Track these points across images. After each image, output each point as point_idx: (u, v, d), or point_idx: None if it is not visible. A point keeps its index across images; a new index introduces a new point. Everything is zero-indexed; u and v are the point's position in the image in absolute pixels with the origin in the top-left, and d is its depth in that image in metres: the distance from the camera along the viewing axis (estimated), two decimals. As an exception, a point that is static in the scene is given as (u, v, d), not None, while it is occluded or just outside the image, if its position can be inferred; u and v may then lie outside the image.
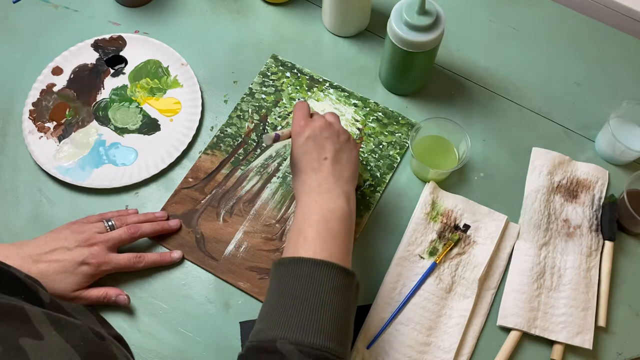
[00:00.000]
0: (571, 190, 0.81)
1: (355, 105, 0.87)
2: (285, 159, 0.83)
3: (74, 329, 0.42)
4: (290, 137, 0.70)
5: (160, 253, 0.75)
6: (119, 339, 0.57)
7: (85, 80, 0.88)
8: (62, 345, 0.40)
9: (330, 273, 0.58)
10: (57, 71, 0.88)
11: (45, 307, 0.48)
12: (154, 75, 0.88)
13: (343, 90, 0.88)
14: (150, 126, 0.85)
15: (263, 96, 0.88)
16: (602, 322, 0.73)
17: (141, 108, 0.86)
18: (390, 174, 0.83)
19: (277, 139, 0.69)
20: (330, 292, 0.57)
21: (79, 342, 0.41)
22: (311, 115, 0.72)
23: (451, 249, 0.76)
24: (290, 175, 0.82)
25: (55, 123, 0.84)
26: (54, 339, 0.40)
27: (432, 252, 0.76)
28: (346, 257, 0.62)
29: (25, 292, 0.48)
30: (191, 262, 0.76)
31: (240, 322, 0.73)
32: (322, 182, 0.65)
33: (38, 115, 0.85)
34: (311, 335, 0.53)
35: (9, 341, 0.37)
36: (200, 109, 0.85)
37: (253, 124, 0.86)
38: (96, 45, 0.90)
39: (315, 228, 0.61)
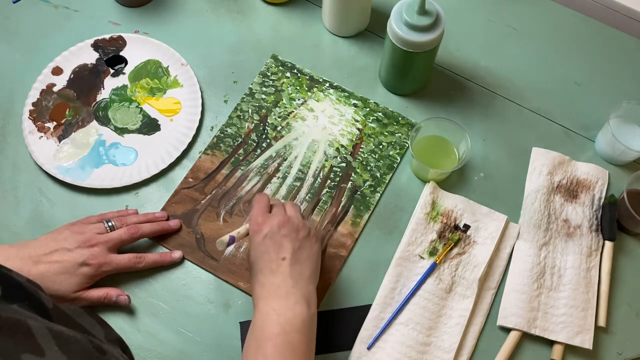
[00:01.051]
0: (571, 190, 0.81)
1: (355, 105, 0.87)
2: (285, 159, 0.83)
3: (75, 344, 0.42)
4: (247, 235, 0.68)
5: (161, 253, 0.75)
6: (120, 342, 0.57)
7: (85, 80, 0.88)
8: None
9: None
10: (57, 71, 0.88)
11: (49, 312, 0.48)
12: (154, 75, 0.88)
13: (343, 90, 0.88)
14: (150, 126, 0.85)
15: (263, 96, 0.88)
16: (602, 322, 0.74)
17: (141, 108, 0.86)
18: (390, 174, 0.83)
19: (232, 241, 0.66)
20: None
21: (80, 358, 0.41)
22: (271, 207, 0.69)
23: (451, 249, 0.76)
24: (291, 176, 0.82)
25: (55, 123, 0.84)
26: (55, 354, 0.39)
27: (432, 252, 0.76)
28: None
29: (28, 297, 0.48)
30: (191, 262, 0.76)
31: (240, 322, 0.73)
32: (280, 285, 0.62)
33: (38, 115, 0.85)
34: None
35: (11, 357, 0.37)
36: (200, 109, 0.85)
37: (253, 124, 0.86)
38: (96, 45, 0.90)
39: (274, 342, 0.59)
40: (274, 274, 0.63)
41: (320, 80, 0.89)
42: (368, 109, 0.87)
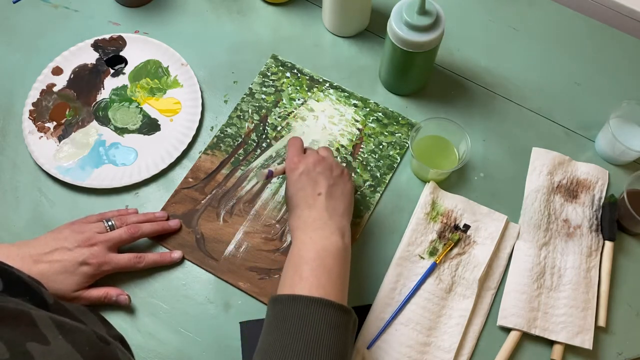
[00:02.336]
0: (571, 190, 0.81)
1: (355, 105, 0.87)
2: (285, 159, 0.83)
3: (79, 333, 0.42)
4: (284, 172, 0.71)
5: (161, 253, 0.75)
6: (121, 340, 0.57)
7: (85, 80, 0.88)
8: (68, 350, 0.40)
9: (326, 311, 0.58)
10: (57, 71, 0.88)
11: (50, 307, 0.48)
12: (154, 75, 0.88)
13: (343, 90, 0.88)
14: (150, 126, 0.85)
15: (263, 96, 0.88)
16: (602, 322, 0.74)
17: (141, 108, 0.86)
18: (390, 174, 0.83)
19: (270, 175, 0.71)
20: (327, 331, 0.57)
21: (84, 347, 0.41)
22: (305, 150, 0.73)
23: (451, 249, 0.76)
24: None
25: (55, 123, 0.84)
26: (60, 343, 0.40)
27: (432, 252, 0.76)
28: (342, 294, 0.63)
29: (30, 292, 0.48)
30: (191, 262, 0.76)
31: (240, 322, 0.73)
32: (317, 218, 0.66)
33: (38, 115, 0.85)
34: None
35: (17, 346, 0.37)
36: (200, 109, 0.85)
37: (253, 124, 0.86)
38: (96, 45, 0.90)
39: (310, 266, 0.62)
40: (311, 208, 0.66)
41: (320, 80, 0.89)
42: (368, 109, 0.87)
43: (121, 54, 0.90)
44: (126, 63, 0.89)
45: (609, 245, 0.77)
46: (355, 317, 0.61)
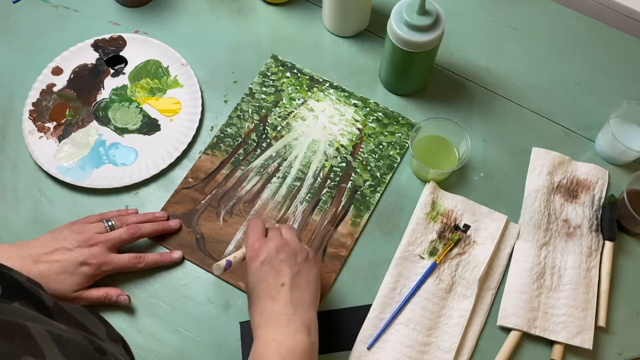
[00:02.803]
0: (571, 190, 0.81)
1: (355, 105, 0.87)
2: (285, 159, 0.83)
3: (75, 345, 0.42)
4: (244, 260, 0.66)
5: (161, 253, 0.75)
6: (122, 341, 0.57)
7: (85, 80, 0.88)
8: None
9: None
10: (57, 71, 0.88)
11: (50, 310, 0.48)
12: (154, 75, 0.88)
13: (343, 90, 0.88)
14: (150, 126, 0.85)
15: (263, 96, 0.88)
16: (602, 322, 0.73)
17: (141, 108, 0.86)
18: (390, 174, 0.83)
19: (229, 266, 0.65)
20: None
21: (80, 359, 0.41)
22: (266, 232, 0.67)
23: (451, 249, 0.76)
24: (291, 176, 0.82)
25: (55, 123, 0.84)
26: (55, 356, 0.39)
27: (432, 252, 0.76)
28: None
29: (29, 295, 0.48)
30: (191, 262, 0.76)
31: (240, 322, 0.73)
32: (281, 313, 0.60)
33: (38, 115, 0.85)
34: None
35: (12, 359, 0.37)
36: (200, 109, 0.85)
37: (253, 124, 0.86)
38: (96, 45, 0.90)
39: None
40: (274, 301, 0.61)
41: (320, 80, 0.89)
42: (368, 109, 0.87)
43: (121, 54, 0.90)
44: (126, 63, 0.89)
45: (609, 245, 0.77)
46: None
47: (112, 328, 0.59)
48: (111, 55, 0.89)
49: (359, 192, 0.81)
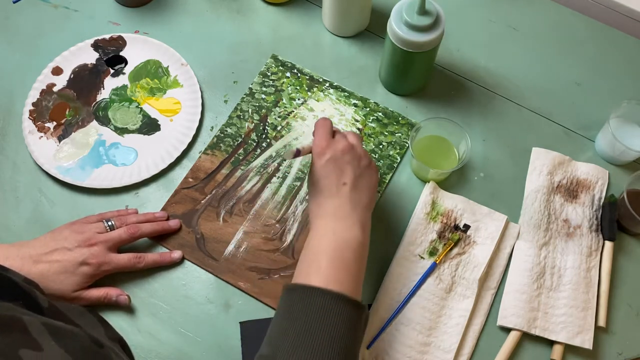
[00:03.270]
0: (571, 190, 0.81)
1: (355, 105, 0.87)
2: (285, 159, 0.83)
3: (72, 338, 0.42)
4: (310, 152, 0.69)
5: (160, 253, 0.75)
6: (120, 341, 0.57)
7: (85, 80, 0.88)
8: (61, 356, 0.40)
9: (341, 306, 0.58)
10: (57, 71, 0.88)
11: (44, 311, 0.48)
12: (154, 75, 0.88)
13: (343, 90, 0.88)
14: (150, 126, 0.85)
15: (263, 96, 0.88)
16: (602, 322, 0.73)
17: (141, 108, 0.86)
18: (390, 174, 0.83)
19: (298, 154, 0.68)
20: (340, 326, 0.57)
21: (77, 352, 0.41)
22: (333, 134, 0.69)
23: (451, 249, 0.76)
24: (291, 175, 0.82)
25: (55, 123, 0.84)
26: (53, 349, 0.39)
27: (432, 252, 0.76)
28: (357, 289, 0.62)
29: (24, 296, 0.48)
30: (191, 262, 0.76)
31: (240, 322, 0.73)
32: (339, 208, 0.64)
33: (38, 115, 0.85)
34: None
35: (9, 353, 0.37)
36: (200, 109, 0.85)
37: (253, 124, 0.86)
38: (96, 45, 0.90)
39: (329, 257, 0.61)
40: (334, 197, 0.65)
41: (320, 80, 0.89)
42: (368, 109, 0.87)
43: (121, 54, 0.90)
44: (126, 63, 0.89)
45: (609, 245, 0.77)
46: (367, 313, 0.61)
47: (111, 328, 0.59)
48: (111, 55, 0.89)
49: (359, 192, 0.81)
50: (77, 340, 0.42)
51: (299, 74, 0.89)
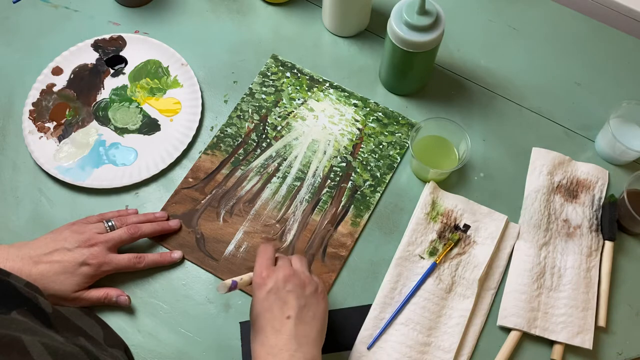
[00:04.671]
0: (571, 190, 0.81)
1: (355, 105, 0.87)
2: (285, 159, 0.83)
3: (72, 358, 0.42)
4: (250, 284, 0.65)
5: (161, 253, 0.75)
6: (121, 345, 0.57)
7: (85, 80, 0.88)
8: None
9: None
10: (57, 71, 0.88)
11: (48, 316, 0.48)
12: (154, 75, 0.88)
13: (343, 90, 0.88)
14: (150, 126, 0.85)
15: (263, 96, 0.88)
16: (602, 322, 0.74)
17: (141, 108, 0.86)
18: (390, 174, 0.83)
19: (234, 286, 0.64)
20: None
21: None
22: (276, 260, 0.65)
23: (451, 249, 0.76)
24: (291, 175, 0.82)
25: (55, 123, 0.84)
26: None
27: (432, 252, 0.76)
28: None
29: (27, 303, 0.48)
30: (191, 262, 0.76)
31: (240, 322, 0.73)
32: (283, 348, 0.58)
33: (38, 115, 0.85)
34: None
35: None
36: (200, 109, 0.85)
37: (253, 124, 0.86)
38: (96, 45, 0.90)
39: None
40: (277, 334, 0.59)
41: (320, 80, 0.89)
42: (368, 109, 0.87)
43: (121, 54, 0.90)
44: (126, 63, 0.89)
45: (609, 245, 0.77)
46: None
47: (112, 331, 0.59)
48: (111, 55, 0.89)
49: (359, 192, 0.81)
50: None
51: (299, 74, 0.89)
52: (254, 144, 0.84)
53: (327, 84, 0.89)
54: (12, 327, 0.41)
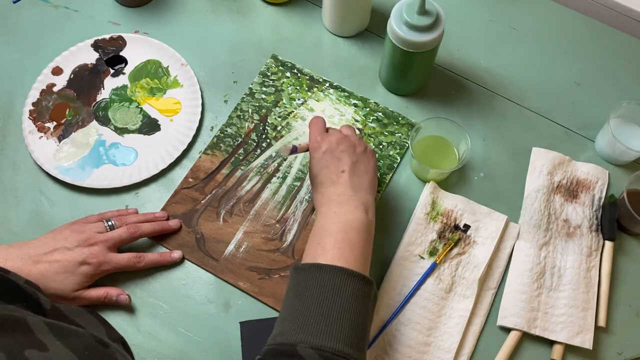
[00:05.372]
0: (571, 190, 0.81)
1: (355, 105, 0.87)
2: (285, 159, 0.83)
3: (77, 337, 0.42)
4: (307, 150, 0.72)
5: (160, 253, 0.75)
6: (122, 342, 0.57)
7: (85, 80, 0.88)
8: (67, 355, 0.40)
9: (349, 280, 0.59)
10: (57, 71, 0.88)
11: (47, 313, 0.48)
12: (154, 75, 0.88)
13: (343, 90, 0.88)
14: (150, 126, 0.85)
15: (263, 96, 0.88)
16: (602, 322, 0.74)
17: (141, 108, 0.86)
18: (390, 174, 0.83)
19: (294, 150, 0.71)
20: (349, 299, 0.58)
21: (83, 351, 0.41)
22: (327, 129, 0.73)
23: (451, 249, 0.76)
24: (291, 175, 0.82)
25: (55, 123, 0.84)
26: (58, 349, 0.39)
27: (432, 252, 0.76)
28: (364, 266, 0.63)
29: (27, 299, 0.48)
30: (191, 262, 0.76)
31: (240, 322, 0.73)
32: (341, 194, 0.67)
33: (38, 115, 0.85)
34: (331, 341, 0.55)
35: (15, 354, 0.37)
36: (200, 109, 0.85)
37: (253, 124, 0.86)
38: (96, 45, 0.90)
39: (333, 238, 0.63)
40: (335, 185, 0.67)
41: (320, 80, 0.89)
42: (368, 109, 0.87)
43: (121, 54, 0.90)
44: (126, 63, 0.89)
45: (609, 245, 0.77)
46: (376, 289, 0.62)
47: (112, 329, 0.59)
48: (111, 55, 0.89)
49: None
50: (82, 340, 0.42)
51: (299, 74, 0.89)
52: (254, 144, 0.84)
53: (327, 84, 0.89)
54: (14, 311, 0.41)
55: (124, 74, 0.88)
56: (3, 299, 0.46)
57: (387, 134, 0.85)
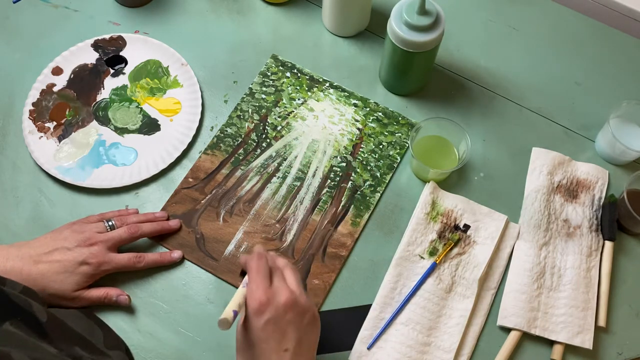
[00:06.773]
0: (571, 190, 0.81)
1: (355, 105, 0.87)
2: (285, 159, 0.83)
3: None
4: (244, 304, 0.58)
5: (160, 253, 0.75)
6: (121, 346, 0.56)
7: (85, 80, 0.88)
8: None
9: None
10: (57, 71, 0.88)
11: (43, 326, 0.47)
12: (154, 75, 0.88)
13: (343, 90, 0.88)
14: (150, 126, 0.85)
15: (263, 96, 0.88)
16: (602, 322, 0.73)
17: (141, 108, 0.86)
18: (390, 174, 0.83)
19: (235, 316, 0.57)
20: None
21: None
22: (270, 273, 0.59)
23: (451, 249, 0.76)
24: (291, 175, 0.82)
25: (55, 123, 0.84)
26: None
27: (432, 252, 0.76)
28: None
29: (21, 312, 0.47)
30: (191, 262, 0.76)
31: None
32: None
33: (38, 115, 0.85)
34: None
35: None
36: (200, 109, 0.85)
37: (253, 124, 0.86)
38: (96, 45, 0.90)
39: None
40: None
41: (320, 80, 0.89)
42: (368, 109, 0.87)
43: (121, 54, 0.90)
44: (126, 63, 0.89)
45: (609, 245, 0.77)
46: None
47: (111, 332, 0.59)
48: (111, 55, 0.89)
49: (359, 192, 0.81)
50: None
51: (299, 74, 0.89)
52: (254, 144, 0.84)
53: (327, 84, 0.89)
54: (2, 342, 0.41)
55: (124, 74, 0.88)
56: None
57: (387, 134, 0.85)
